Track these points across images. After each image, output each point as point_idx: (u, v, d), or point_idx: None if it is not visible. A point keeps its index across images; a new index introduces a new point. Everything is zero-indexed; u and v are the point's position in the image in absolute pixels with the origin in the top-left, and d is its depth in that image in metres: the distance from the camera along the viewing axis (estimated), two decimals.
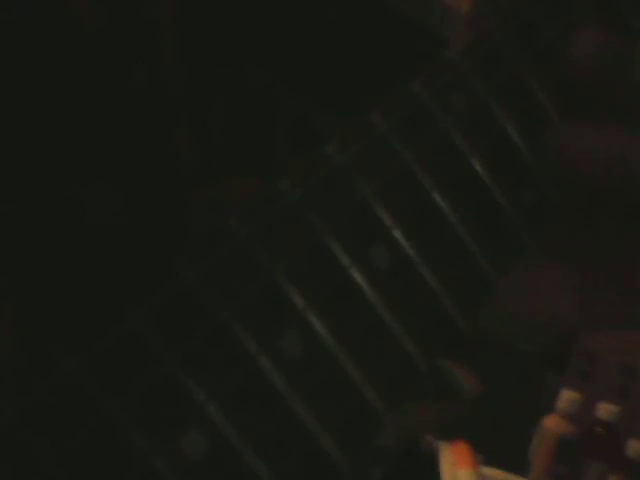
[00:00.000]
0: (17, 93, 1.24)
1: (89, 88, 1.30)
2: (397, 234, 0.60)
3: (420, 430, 1.69)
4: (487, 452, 1.67)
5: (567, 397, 1.69)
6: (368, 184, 0.59)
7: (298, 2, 1.52)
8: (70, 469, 0.42)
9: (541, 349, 1.70)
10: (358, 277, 0.57)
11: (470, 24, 1.44)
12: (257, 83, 1.50)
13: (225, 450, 0.47)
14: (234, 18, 1.48)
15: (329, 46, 1.54)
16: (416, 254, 0.62)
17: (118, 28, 1.36)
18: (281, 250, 0.53)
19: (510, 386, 1.77)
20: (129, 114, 1.33)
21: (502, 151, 0.73)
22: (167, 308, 0.47)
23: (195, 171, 1.41)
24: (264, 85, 1.53)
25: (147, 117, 1.36)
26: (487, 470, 1.66)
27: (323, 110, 1.50)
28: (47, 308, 1.31)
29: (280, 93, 1.52)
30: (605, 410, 1.70)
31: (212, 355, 0.48)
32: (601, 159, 0.83)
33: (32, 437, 0.40)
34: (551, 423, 1.68)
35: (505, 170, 0.73)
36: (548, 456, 1.67)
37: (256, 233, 0.52)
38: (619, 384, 1.70)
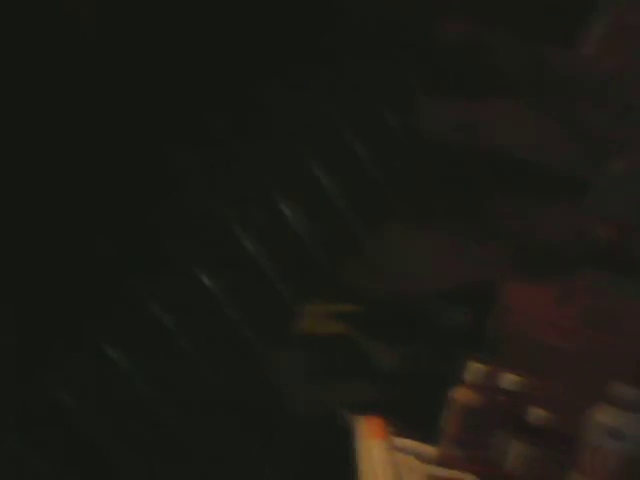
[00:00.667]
0: None
1: None
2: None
3: (338, 405, 1.85)
4: (401, 424, 1.79)
5: (474, 369, 1.78)
6: None
7: None
8: None
9: (460, 324, 1.85)
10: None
11: None
12: None
13: None
14: None
15: None
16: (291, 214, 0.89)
17: None
18: None
19: (428, 361, 1.87)
20: None
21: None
22: None
23: None
24: None
25: None
26: (399, 441, 1.79)
27: None
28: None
29: None
30: (508, 380, 1.77)
31: None
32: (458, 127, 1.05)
33: None
34: (459, 394, 1.77)
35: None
36: (457, 425, 1.76)
37: None
38: (526, 357, 1.76)
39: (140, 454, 1.75)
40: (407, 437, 1.80)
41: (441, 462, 1.74)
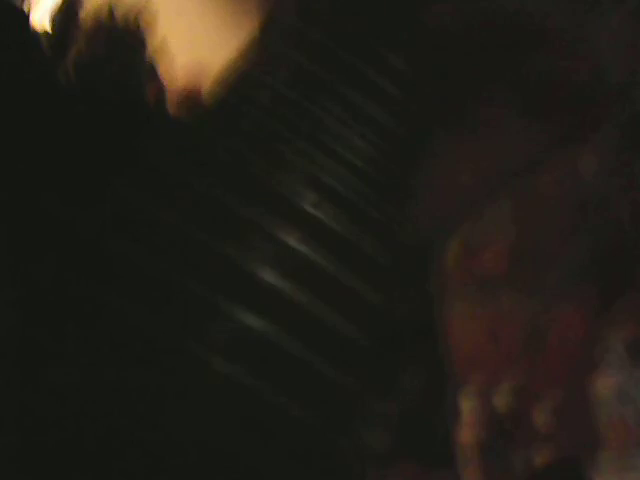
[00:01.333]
0: None
1: None
2: None
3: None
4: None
5: (468, 407, 1.70)
6: None
7: None
8: None
9: None
10: None
11: None
12: None
13: None
14: None
15: None
16: None
17: None
18: None
19: None
20: None
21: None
22: None
23: None
24: None
25: None
26: None
27: None
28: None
29: None
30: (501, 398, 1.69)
31: None
32: None
33: None
34: (464, 438, 1.68)
35: None
36: (475, 468, 1.66)
37: None
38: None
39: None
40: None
41: None
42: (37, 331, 1.61)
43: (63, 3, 2.14)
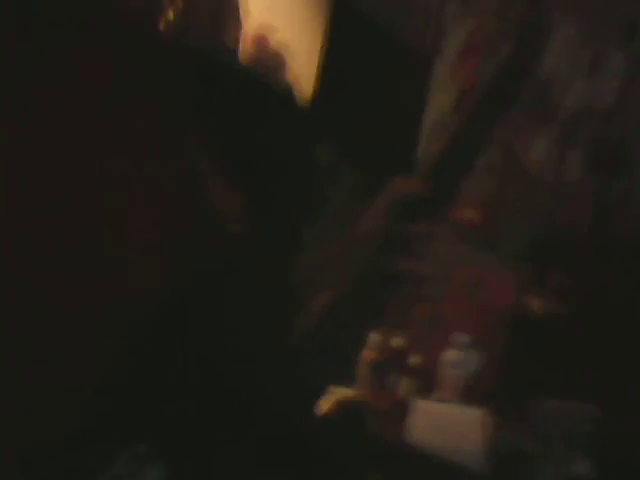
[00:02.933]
0: None
1: None
2: None
3: None
4: None
5: (373, 339, 2.97)
6: None
7: None
8: None
9: None
10: None
11: None
12: None
13: None
14: None
15: None
16: None
17: None
18: None
19: None
20: None
21: None
22: None
23: None
24: None
25: None
26: None
27: None
28: None
29: None
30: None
31: None
32: None
33: None
34: (366, 356, 2.96)
35: None
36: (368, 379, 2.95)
37: None
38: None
39: None
40: None
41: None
42: None
43: None
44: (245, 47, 2.94)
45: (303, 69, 3.17)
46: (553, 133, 3.49)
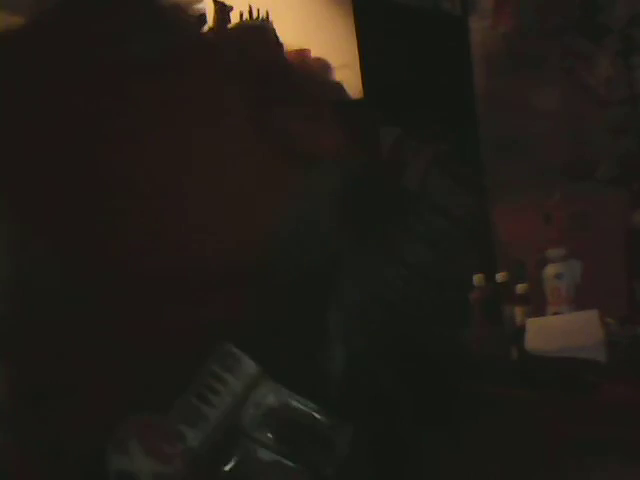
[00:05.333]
0: None
1: None
2: None
3: None
4: None
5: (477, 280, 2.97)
6: None
7: None
8: None
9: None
10: None
11: None
12: None
13: None
14: None
15: None
16: None
17: None
18: None
19: None
20: None
21: None
22: None
23: None
24: None
25: None
26: None
27: None
28: None
29: None
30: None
31: None
32: None
33: None
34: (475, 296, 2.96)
35: None
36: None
37: None
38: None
39: None
40: None
41: None
42: None
43: None
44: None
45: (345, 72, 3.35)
46: (614, 46, 3.47)
